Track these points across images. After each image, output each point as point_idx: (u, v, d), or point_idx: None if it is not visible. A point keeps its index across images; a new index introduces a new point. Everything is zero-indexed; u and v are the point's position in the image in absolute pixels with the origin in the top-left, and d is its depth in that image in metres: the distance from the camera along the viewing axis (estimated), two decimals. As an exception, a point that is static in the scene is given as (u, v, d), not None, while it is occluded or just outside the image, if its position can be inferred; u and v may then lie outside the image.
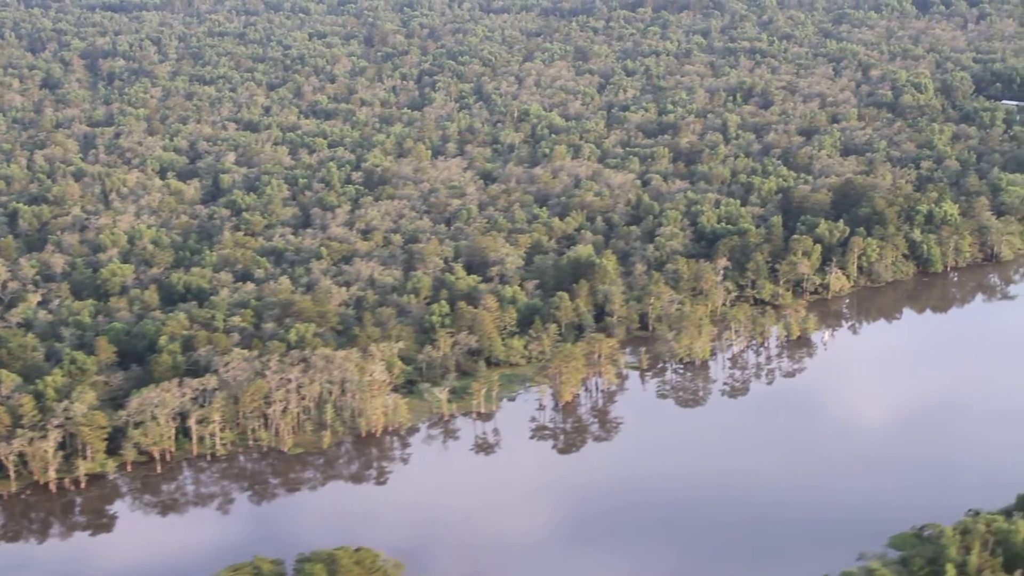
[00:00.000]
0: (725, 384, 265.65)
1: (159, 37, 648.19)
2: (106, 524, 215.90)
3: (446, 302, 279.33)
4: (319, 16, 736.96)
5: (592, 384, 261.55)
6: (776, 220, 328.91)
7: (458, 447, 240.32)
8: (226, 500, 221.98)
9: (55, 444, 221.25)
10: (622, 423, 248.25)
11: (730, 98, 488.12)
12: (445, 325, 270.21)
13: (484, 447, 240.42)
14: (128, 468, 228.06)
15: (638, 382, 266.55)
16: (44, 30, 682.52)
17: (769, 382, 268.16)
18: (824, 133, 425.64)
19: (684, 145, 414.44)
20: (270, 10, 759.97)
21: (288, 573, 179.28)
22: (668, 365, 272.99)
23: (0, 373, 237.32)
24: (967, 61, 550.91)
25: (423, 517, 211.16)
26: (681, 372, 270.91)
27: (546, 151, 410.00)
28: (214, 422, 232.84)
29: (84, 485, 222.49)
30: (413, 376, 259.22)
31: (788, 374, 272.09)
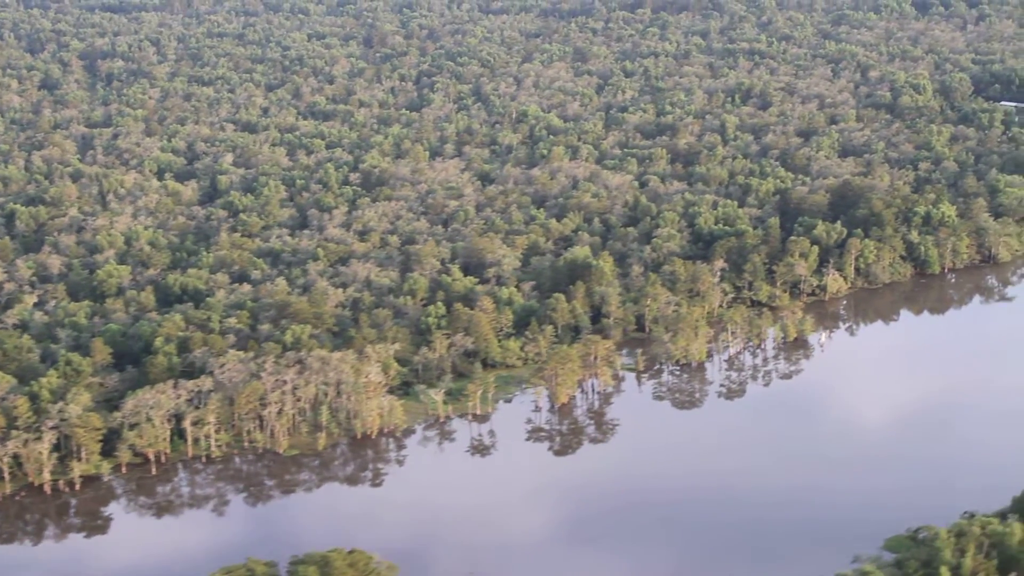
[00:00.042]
0: (721, 386, 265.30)
1: (158, 38, 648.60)
2: (101, 526, 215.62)
3: (442, 303, 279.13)
4: (318, 17, 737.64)
5: (588, 386, 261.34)
6: (773, 221, 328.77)
7: (454, 449, 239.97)
8: (221, 502, 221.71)
9: (50, 446, 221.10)
10: (618, 425, 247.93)
11: (728, 99, 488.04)
12: (441, 327, 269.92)
13: (480, 449, 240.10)
14: (123, 470, 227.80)
15: (634, 384, 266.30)
16: (43, 31, 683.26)
17: (766, 384, 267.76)
18: (822, 134, 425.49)
19: (682, 146, 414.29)
20: (269, 11, 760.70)
21: (281, 575, 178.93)
22: (664, 367, 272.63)
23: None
24: (966, 62, 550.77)
25: (418, 519, 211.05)
26: (677, 374, 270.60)
27: (544, 152, 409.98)
28: (209, 424, 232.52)
29: (79, 487, 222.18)
30: (409, 378, 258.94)
31: (785, 376, 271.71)
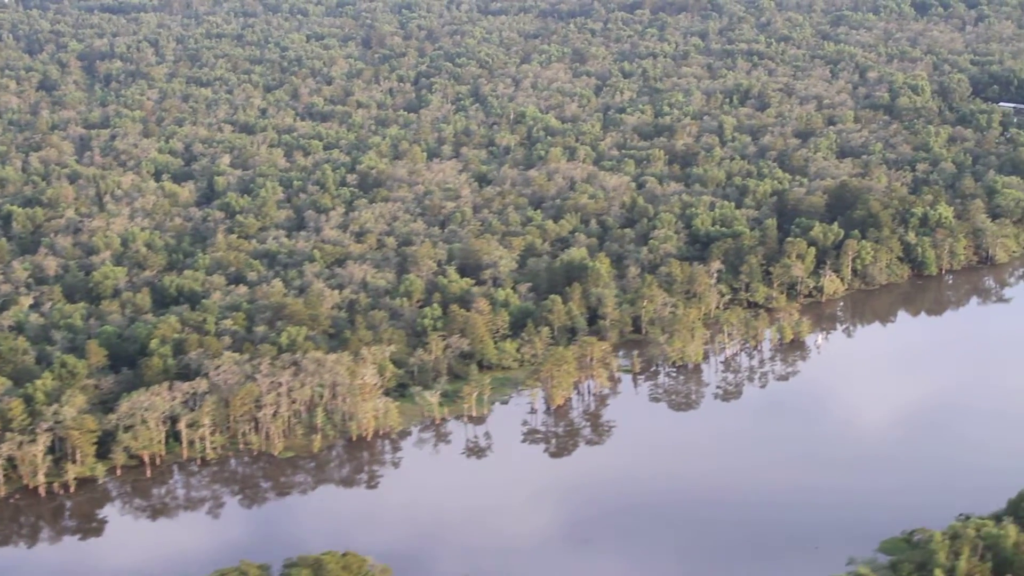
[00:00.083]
0: (718, 387, 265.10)
1: (156, 39, 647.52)
2: (96, 528, 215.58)
3: (439, 305, 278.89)
4: (317, 18, 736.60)
5: (584, 388, 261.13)
6: (771, 223, 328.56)
7: (449, 451, 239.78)
8: (216, 504, 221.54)
9: (44, 448, 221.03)
10: (614, 426, 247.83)
11: (727, 100, 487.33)
12: (437, 328, 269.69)
13: (475, 451, 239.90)
14: (118, 472, 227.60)
15: (631, 385, 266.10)
16: (42, 31, 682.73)
17: (762, 385, 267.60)
18: (820, 135, 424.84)
19: (680, 147, 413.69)
20: (268, 12, 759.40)
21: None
22: (661, 368, 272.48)
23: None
24: (965, 63, 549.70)
25: (414, 521, 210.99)
26: (674, 375, 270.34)
27: (541, 153, 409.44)
28: (204, 426, 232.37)
29: (73, 489, 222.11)
30: (405, 379, 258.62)
31: (781, 377, 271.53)
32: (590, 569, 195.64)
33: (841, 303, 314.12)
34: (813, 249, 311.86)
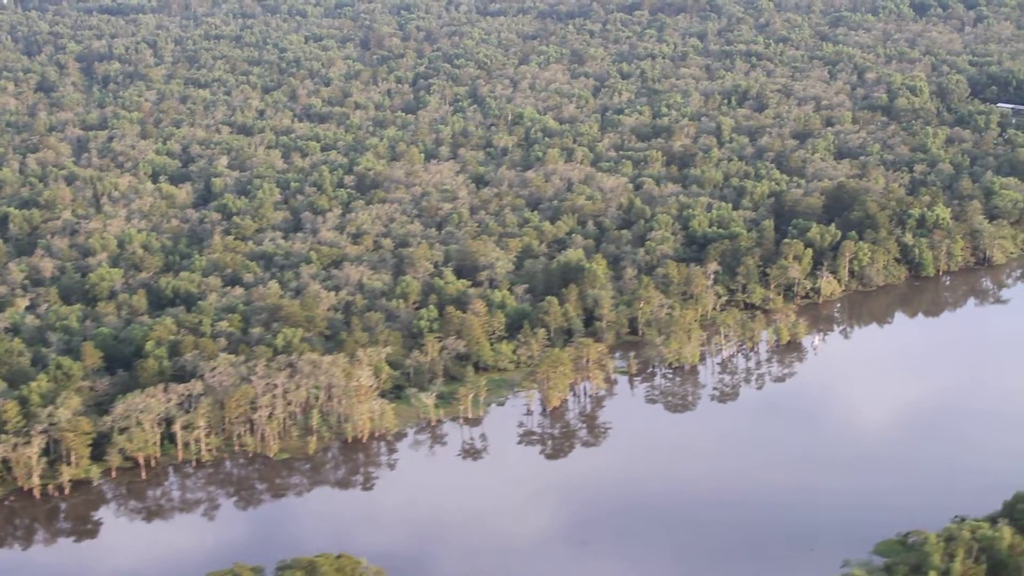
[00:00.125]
0: (714, 389, 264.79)
1: (155, 40, 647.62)
2: (91, 530, 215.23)
3: (435, 307, 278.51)
4: (316, 19, 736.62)
5: (580, 389, 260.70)
6: (768, 224, 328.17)
7: (445, 453, 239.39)
8: (211, 506, 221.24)
9: (39, 450, 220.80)
10: (610, 428, 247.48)
11: (725, 101, 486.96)
12: (433, 330, 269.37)
13: (471, 452, 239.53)
14: (113, 474, 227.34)
15: (627, 387, 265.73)
16: (40, 33, 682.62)
17: (759, 387, 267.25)
18: (818, 136, 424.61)
19: (677, 148, 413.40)
20: (267, 13, 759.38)
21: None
22: (657, 370, 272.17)
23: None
24: (963, 64, 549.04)
25: (409, 523, 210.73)
26: (670, 377, 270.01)
27: (539, 154, 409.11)
28: (199, 428, 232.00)
29: (68, 491, 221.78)
30: (400, 381, 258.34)
31: (778, 379, 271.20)
32: (587, 571, 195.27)
33: (838, 304, 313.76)
34: (810, 250, 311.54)
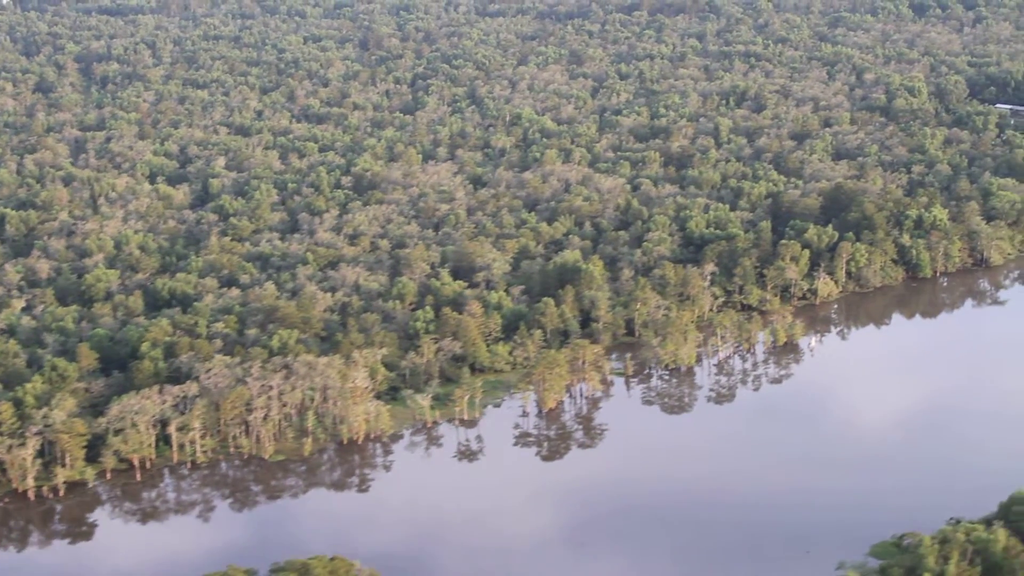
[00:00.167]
0: (711, 390, 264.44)
1: (154, 41, 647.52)
2: (86, 532, 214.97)
3: (431, 308, 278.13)
4: (315, 20, 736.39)
5: (576, 391, 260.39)
6: (765, 225, 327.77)
7: (441, 454, 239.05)
8: (206, 508, 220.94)
9: (34, 451, 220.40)
10: (606, 429, 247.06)
11: (723, 102, 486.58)
12: (429, 331, 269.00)
13: (467, 454, 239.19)
14: (108, 476, 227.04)
15: (623, 388, 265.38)
16: (39, 34, 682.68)
17: (755, 388, 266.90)
18: (816, 137, 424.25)
19: (675, 149, 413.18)
20: (266, 14, 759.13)
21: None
22: (654, 371, 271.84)
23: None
24: (962, 65, 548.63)
25: (404, 525, 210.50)
26: (667, 378, 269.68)
27: (537, 155, 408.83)
28: (195, 429, 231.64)
29: (63, 493, 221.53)
30: (396, 383, 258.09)
31: (774, 380, 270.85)
32: (584, 573, 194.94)
33: (835, 305, 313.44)
34: (807, 251, 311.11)
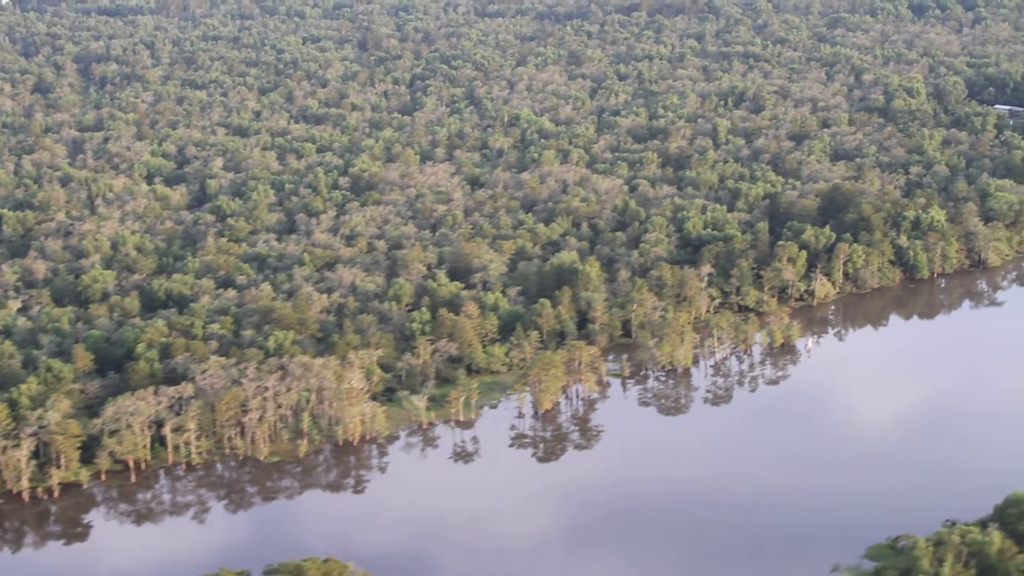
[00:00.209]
0: (708, 392, 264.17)
1: (153, 41, 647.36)
2: (80, 534, 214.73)
3: (427, 309, 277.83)
4: (314, 20, 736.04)
5: (573, 392, 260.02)
6: (762, 226, 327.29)
7: (437, 456, 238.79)
8: (201, 509, 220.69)
9: (29, 453, 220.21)
10: (602, 431, 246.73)
11: (721, 103, 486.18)
12: (425, 332, 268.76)
13: (462, 455, 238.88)
14: (102, 477, 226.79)
15: (620, 390, 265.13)
16: (38, 34, 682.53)
17: (752, 389, 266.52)
18: (814, 138, 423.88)
19: (673, 150, 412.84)
20: (265, 14, 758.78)
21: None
22: (650, 373, 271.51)
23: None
24: (961, 65, 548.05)
25: (400, 526, 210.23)
26: (663, 380, 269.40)
27: (535, 156, 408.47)
28: (190, 430, 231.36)
29: (58, 494, 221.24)
30: (392, 384, 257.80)
31: (771, 381, 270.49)
32: (580, 574, 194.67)
33: (832, 307, 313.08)
34: (804, 252, 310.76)
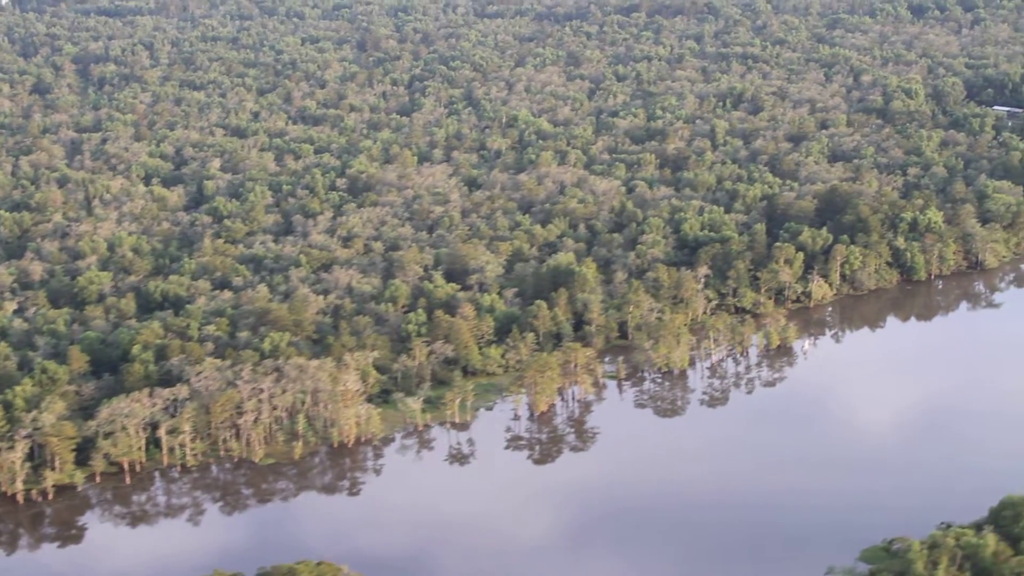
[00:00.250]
0: (704, 393, 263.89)
1: (152, 42, 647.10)
2: (75, 536, 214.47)
3: (424, 310, 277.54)
4: (313, 21, 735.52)
5: (569, 394, 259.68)
6: (759, 227, 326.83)
7: (432, 458, 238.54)
8: (196, 511, 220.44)
9: (23, 455, 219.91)
10: (598, 433, 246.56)
11: (720, 104, 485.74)
12: (422, 334, 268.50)
13: (458, 457, 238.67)
14: (97, 479, 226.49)
15: (616, 392, 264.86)
16: (37, 35, 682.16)
17: (749, 391, 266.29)
18: (812, 139, 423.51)
19: (671, 151, 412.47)
20: (264, 15, 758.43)
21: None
22: (646, 374, 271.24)
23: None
24: (959, 66, 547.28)
25: (394, 528, 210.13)
26: (659, 381, 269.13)
27: (532, 157, 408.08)
28: (185, 432, 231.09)
29: (52, 496, 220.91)
30: (388, 386, 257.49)
31: (768, 383, 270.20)
32: (574, 573, 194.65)
33: (829, 308, 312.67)
34: (801, 254, 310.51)
